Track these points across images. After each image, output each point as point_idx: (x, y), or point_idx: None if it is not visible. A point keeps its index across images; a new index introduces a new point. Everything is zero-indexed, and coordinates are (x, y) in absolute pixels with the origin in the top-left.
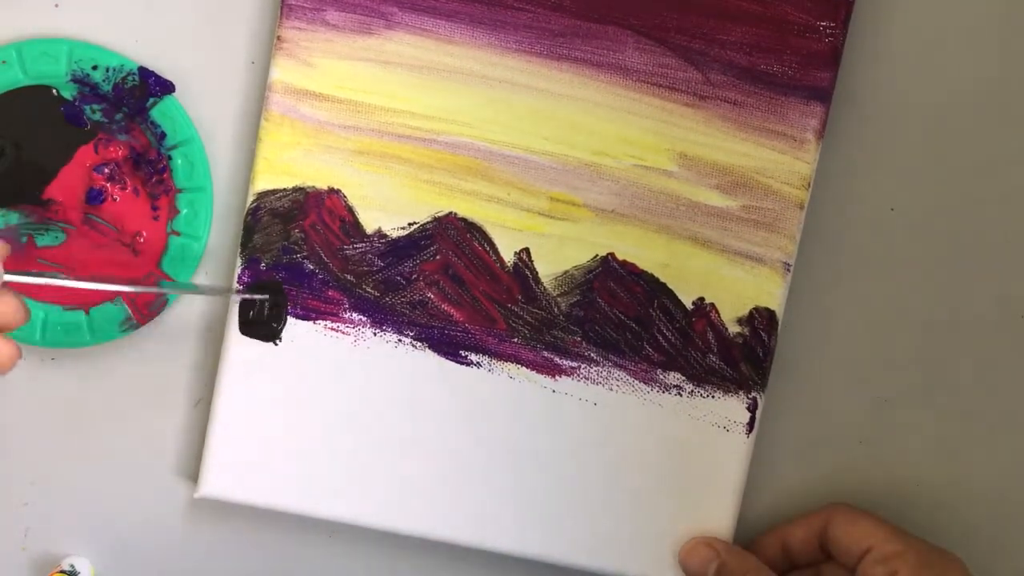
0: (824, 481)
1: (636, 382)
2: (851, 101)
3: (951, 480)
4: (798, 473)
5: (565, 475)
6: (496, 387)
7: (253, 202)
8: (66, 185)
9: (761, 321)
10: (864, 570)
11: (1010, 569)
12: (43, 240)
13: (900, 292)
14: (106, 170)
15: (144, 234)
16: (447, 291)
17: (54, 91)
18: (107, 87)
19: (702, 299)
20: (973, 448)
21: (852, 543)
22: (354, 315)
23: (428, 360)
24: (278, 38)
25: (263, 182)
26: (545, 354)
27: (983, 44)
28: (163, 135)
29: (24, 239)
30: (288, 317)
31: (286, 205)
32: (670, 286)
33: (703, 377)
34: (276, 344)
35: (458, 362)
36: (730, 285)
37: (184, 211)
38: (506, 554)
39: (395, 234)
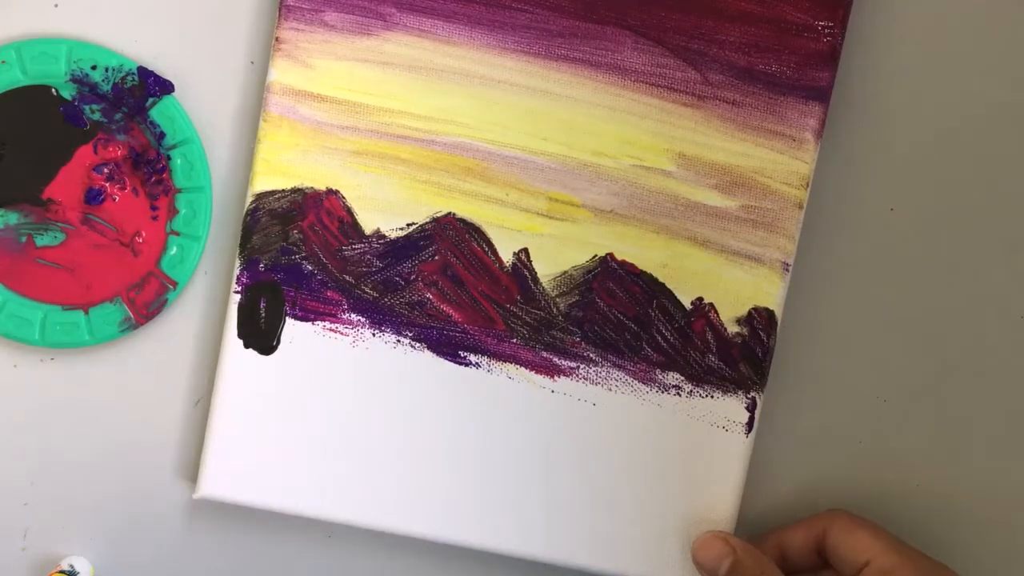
0: (823, 481)
1: (635, 382)
2: (850, 101)
3: (950, 481)
4: (797, 473)
5: (564, 476)
6: (495, 387)
7: (252, 203)
8: (65, 185)
9: (760, 321)
10: None
11: (1010, 570)
12: (42, 240)
13: (899, 292)
14: (105, 170)
15: (143, 234)
16: (446, 291)
17: (53, 91)
18: (106, 87)
19: (701, 299)
20: (973, 449)
21: (850, 553)
22: (353, 316)
23: (427, 360)
24: (276, 39)
25: (262, 183)
26: (544, 354)
27: (983, 43)
28: (162, 135)
29: (23, 239)
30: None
31: (285, 206)
32: (669, 286)
33: (702, 377)
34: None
35: (457, 362)
36: (729, 285)
37: (183, 211)
38: (505, 554)
39: (394, 235)
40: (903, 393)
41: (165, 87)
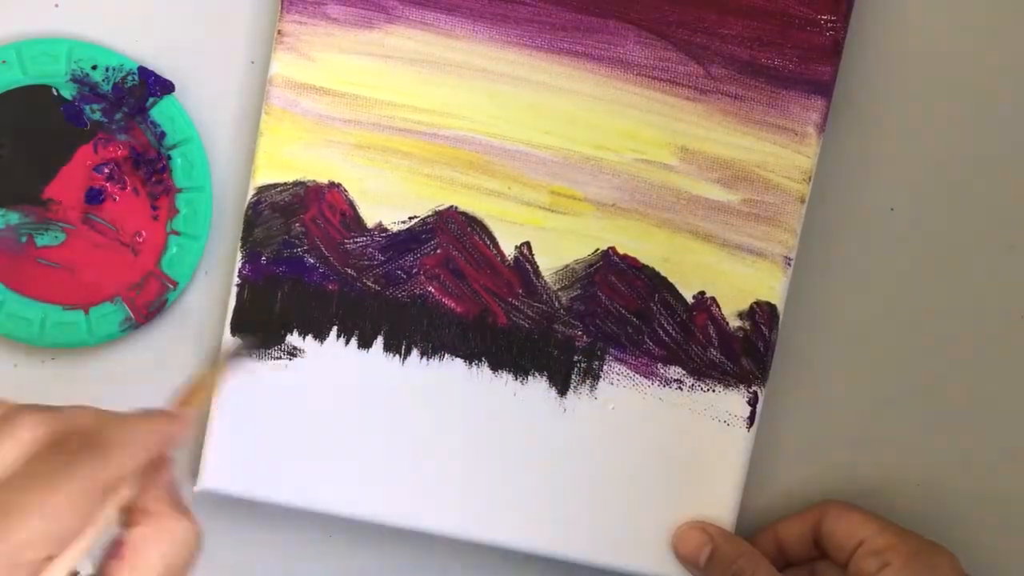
0: (824, 476)
1: (637, 376)
2: (852, 95)
3: (950, 478)
4: (798, 467)
5: (566, 469)
6: (496, 381)
7: (254, 196)
8: (66, 185)
9: (762, 315)
10: (857, 563)
11: (1010, 569)
12: (43, 240)
13: (901, 286)
14: (106, 170)
15: (143, 234)
16: (448, 285)
17: (54, 91)
18: (107, 87)
19: (703, 293)
20: (972, 447)
21: (844, 537)
22: None
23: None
24: (279, 32)
25: (264, 176)
26: None
27: (985, 38)
28: (163, 135)
29: (24, 239)
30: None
31: (287, 199)
32: (671, 280)
33: (704, 371)
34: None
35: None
36: (731, 279)
37: (183, 211)
38: (506, 549)
39: (396, 228)
40: (904, 388)
41: (166, 87)
